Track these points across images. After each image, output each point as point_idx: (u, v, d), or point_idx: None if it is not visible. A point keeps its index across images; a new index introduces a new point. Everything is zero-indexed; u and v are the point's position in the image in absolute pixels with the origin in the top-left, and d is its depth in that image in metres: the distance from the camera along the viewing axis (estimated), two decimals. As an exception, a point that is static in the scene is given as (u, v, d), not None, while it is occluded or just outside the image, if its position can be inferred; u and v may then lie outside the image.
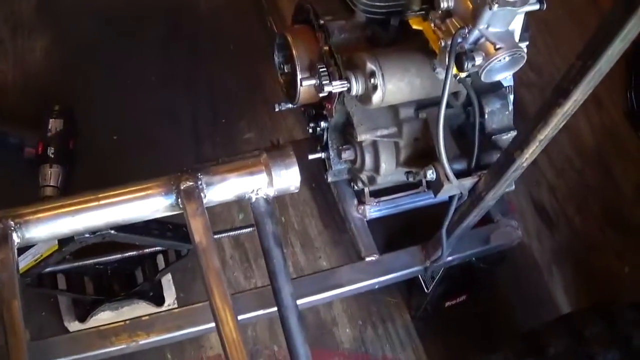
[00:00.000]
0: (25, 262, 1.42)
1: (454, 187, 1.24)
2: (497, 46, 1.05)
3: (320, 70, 1.32)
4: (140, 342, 1.38)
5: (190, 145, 2.11)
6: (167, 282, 1.78)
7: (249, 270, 1.92)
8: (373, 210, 1.60)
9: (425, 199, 1.62)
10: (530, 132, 1.03)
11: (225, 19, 2.39)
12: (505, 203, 1.64)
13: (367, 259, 1.52)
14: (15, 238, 1.09)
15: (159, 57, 2.28)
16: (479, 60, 1.06)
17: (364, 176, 1.48)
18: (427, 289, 1.74)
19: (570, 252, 2.02)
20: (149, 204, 1.16)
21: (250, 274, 1.92)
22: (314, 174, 1.98)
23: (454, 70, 1.11)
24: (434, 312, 1.87)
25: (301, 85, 1.39)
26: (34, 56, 2.26)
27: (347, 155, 1.46)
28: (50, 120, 1.97)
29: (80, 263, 1.58)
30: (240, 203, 1.82)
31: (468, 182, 1.25)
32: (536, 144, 1.04)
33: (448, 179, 1.22)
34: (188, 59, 2.29)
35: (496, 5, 0.99)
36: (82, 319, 1.71)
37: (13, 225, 1.09)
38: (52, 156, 1.92)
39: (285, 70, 1.54)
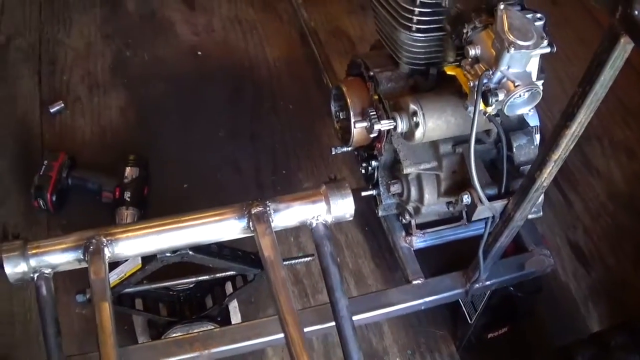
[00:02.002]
0: (111, 280, 1.60)
1: (486, 209, 1.43)
2: (516, 84, 1.25)
3: (371, 113, 1.54)
4: (212, 351, 1.55)
5: (253, 193, 2.31)
6: (234, 309, 1.96)
7: (308, 304, 2.10)
8: (419, 240, 1.78)
9: (466, 231, 1.79)
10: (545, 154, 1.23)
11: (284, 81, 2.65)
12: (539, 234, 1.80)
13: (414, 282, 1.70)
14: (107, 252, 1.26)
15: (225, 114, 2.53)
16: (501, 96, 1.26)
17: (410, 207, 1.68)
18: (471, 319, 1.89)
19: (605, 289, 2.16)
20: (224, 227, 1.33)
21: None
22: (366, 218, 2.18)
23: (482, 107, 1.31)
24: (478, 343, 1.98)
25: (355, 127, 1.61)
26: (110, 113, 2.52)
27: (395, 188, 1.67)
28: (127, 168, 2.19)
29: (159, 285, 1.77)
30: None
31: (498, 204, 1.44)
32: (552, 165, 1.23)
33: (481, 202, 1.41)
34: (251, 116, 2.53)
35: (513, 49, 1.20)
36: (155, 338, 1.86)
37: (105, 241, 1.26)
38: (129, 200, 2.13)
39: (341, 117, 1.77)
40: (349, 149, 1.75)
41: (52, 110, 2.47)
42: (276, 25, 2.86)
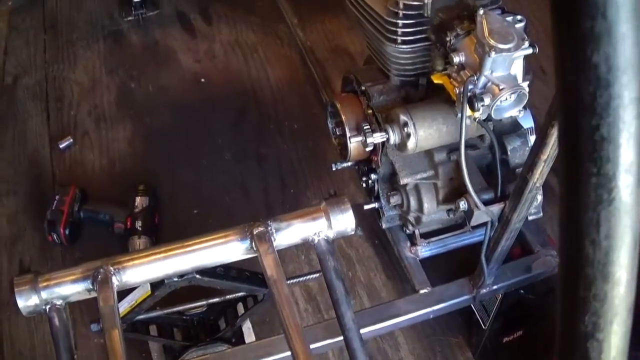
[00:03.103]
0: (122, 308, 1.64)
1: (483, 214, 1.44)
2: (501, 87, 1.27)
3: (365, 127, 1.56)
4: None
5: (262, 213, 2.31)
6: (248, 329, 1.97)
7: (321, 319, 2.11)
8: (424, 250, 1.80)
9: (471, 237, 1.81)
10: (535, 154, 1.24)
11: (287, 101, 2.67)
12: (544, 235, 1.80)
13: (421, 291, 1.72)
14: (115, 281, 1.28)
15: (231, 138, 2.56)
16: (487, 100, 1.28)
17: (411, 217, 1.70)
18: (485, 325, 1.89)
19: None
20: (228, 249, 1.35)
21: (323, 324, 2.11)
22: (376, 231, 2.20)
23: (470, 112, 1.33)
24: (493, 348, 1.98)
25: (350, 142, 1.64)
26: (118, 144, 2.56)
27: (395, 200, 1.68)
28: (137, 198, 2.23)
29: (172, 310, 1.79)
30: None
31: (495, 208, 1.45)
32: (542, 165, 1.24)
33: (477, 207, 1.43)
34: (257, 137, 2.56)
35: (494, 53, 1.22)
36: (172, 363, 1.90)
37: (112, 270, 1.28)
38: (140, 229, 2.16)
39: (338, 133, 1.79)
40: (349, 164, 1.77)
41: (61, 146, 2.51)
42: (276, 47, 2.90)
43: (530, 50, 1.28)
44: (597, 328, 0.37)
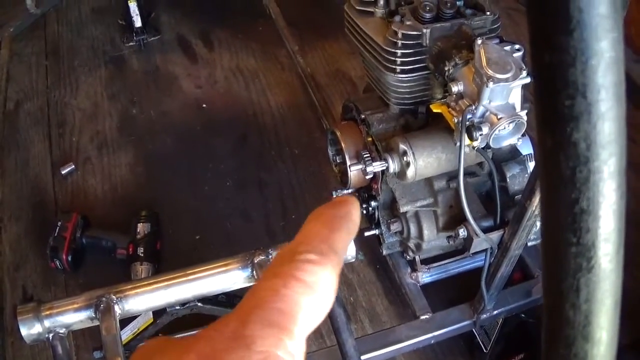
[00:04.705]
0: (125, 335, 1.65)
1: (483, 241, 1.45)
2: (499, 116, 1.29)
3: (365, 156, 1.58)
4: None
5: (264, 239, 2.33)
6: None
7: (324, 345, 2.11)
8: (425, 276, 1.81)
9: (470, 263, 1.82)
10: (534, 181, 1.25)
11: (289, 126, 2.69)
12: (544, 261, 1.81)
13: (422, 317, 1.72)
14: (117, 309, 1.28)
15: (232, 164, 2.57)
16: (485, 129, 1.29)
17: (411, 244, 1.71)
18: (486, 349, 1.90)
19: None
20: (229, 277, 1.36)
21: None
22: (378, 256, 2.20)
23: (469, 142, 1.34)
24: (496, 372, 2.01)
25: (350, 170, 1.65)
26: (120, 171, 2.57)
27: (395, 227, 1.70)
28: (139, 224, 2.23)
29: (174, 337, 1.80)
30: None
31: (495, 235, 1.46)
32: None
33: (477, 234, 1.44)
34: (258, 163, 2.57)
35: (492, 83, 1.24)
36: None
37: (115, 299, 1.28)
38: (142, 255, 2.16)
39: (338, 161, 1.80)
40: (349, 191, 1.78)
41: (63, 172, 2.52)
42: (277, 73, 2.93)
43: (528, 80, 1.29)
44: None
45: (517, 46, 1.38)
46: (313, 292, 0.36)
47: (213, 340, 0.34)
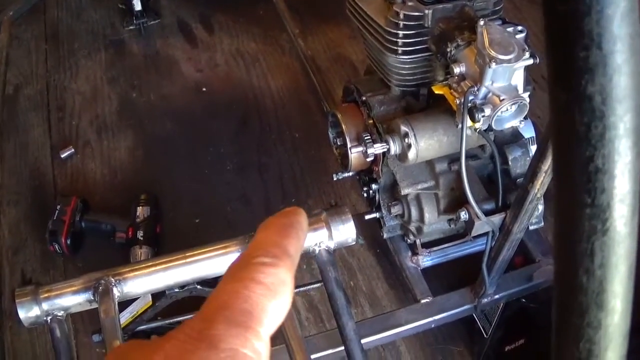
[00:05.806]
0: (123, 319, 1.64)
1: (484, 224, 1.44)
2: (502, 98, 1.27)
3: (365, 138, 1.56)
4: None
5: (264, 223, 2.33)
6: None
7: (324, 329, 2.10)
8: (426, 259, 1.80)
9: (472, 247, 1.81)
10: (536, 164, 1.24)
11: (289, 110, 2.68)
12: (546, 245, 1.81)
13: (422, 301, 1.72)
14: (116, 292, 1.25)
15: (232, 147, 2.56)
16: (487, 111, 1.28)
17: (412, 227, 1.70)
18: (486, 334, 1.89)
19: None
20: (228, 260, 1.33)
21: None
22: (378, 240, 2.19)
23: (470, 123, 1.33)
24: (495, 357, 1.97)
25: (351, 152, 1.64)
26: (119, 154, 2.56)
27: (396, 210, 1.68)
28: (138, 208, 2.23)
29: (172, 320, 1.79)
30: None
31: (496, 218, 1.45)
32: (543, 175, 1.24)
33: (478, 217, 1.43)
34: (258, 147, 2.56)
35: (494, 64, 1.23)
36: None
37: (113, 281, 1.26)
38: (141, 238, 2.16)
39: (339, 144, 1.79)
40: (350, 174, 1.77)
41: (62, 156, 2.51)
42: (278, 56, 2.91)
43: (531, 61, 1.28)
44: (591, 355, 0.37)
45: (519, 27, 1.37)
46: (271, 292, 0.39)
47: (180, 341, 0.36)
